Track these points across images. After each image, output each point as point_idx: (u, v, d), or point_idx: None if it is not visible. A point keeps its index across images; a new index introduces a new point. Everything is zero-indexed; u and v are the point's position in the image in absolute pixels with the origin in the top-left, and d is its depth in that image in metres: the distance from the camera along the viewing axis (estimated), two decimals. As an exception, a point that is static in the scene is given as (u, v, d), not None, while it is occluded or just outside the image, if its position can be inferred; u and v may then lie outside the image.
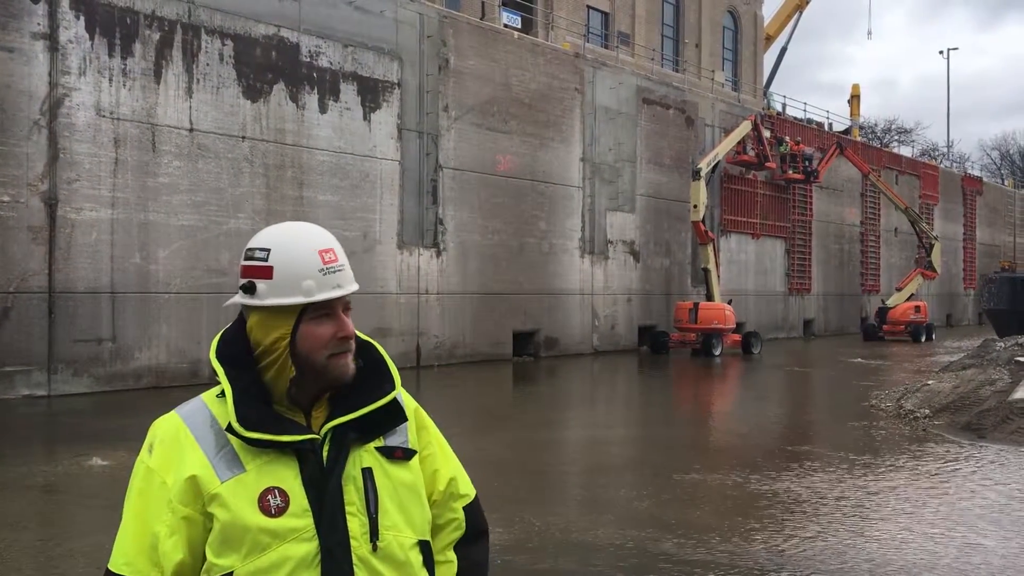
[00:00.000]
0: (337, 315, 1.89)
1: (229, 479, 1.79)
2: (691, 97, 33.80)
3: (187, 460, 1.81)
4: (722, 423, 15.90)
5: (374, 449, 1.90)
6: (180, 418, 1.88)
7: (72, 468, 10.16)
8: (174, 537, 1.79)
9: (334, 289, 1.87)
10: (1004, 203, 61.58)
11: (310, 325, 1.86)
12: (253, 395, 1.84)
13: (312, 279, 1.85)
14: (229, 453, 1.82)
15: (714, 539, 7.61)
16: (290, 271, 1.85)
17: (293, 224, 1.95)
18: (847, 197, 42.99)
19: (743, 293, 34.79)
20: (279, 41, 20.23)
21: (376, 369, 1.97)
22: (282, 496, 1.79)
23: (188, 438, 1.84)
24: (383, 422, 1.92)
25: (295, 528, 1.79)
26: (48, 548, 7.26)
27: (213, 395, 1.90)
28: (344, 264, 1.91)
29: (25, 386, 16.25)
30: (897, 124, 75.38)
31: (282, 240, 1.90)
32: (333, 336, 1.87)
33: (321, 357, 1.86)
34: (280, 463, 1.82)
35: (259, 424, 1.80)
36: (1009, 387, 14.96)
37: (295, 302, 1.85)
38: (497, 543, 7.43)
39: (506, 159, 25.68)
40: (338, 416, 1.87)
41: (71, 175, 16.88)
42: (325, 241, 1.91)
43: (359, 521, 1.83)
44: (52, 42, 16.68)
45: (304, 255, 1.87)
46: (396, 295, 22.63)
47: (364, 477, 1.86)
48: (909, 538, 7.73)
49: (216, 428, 1.84)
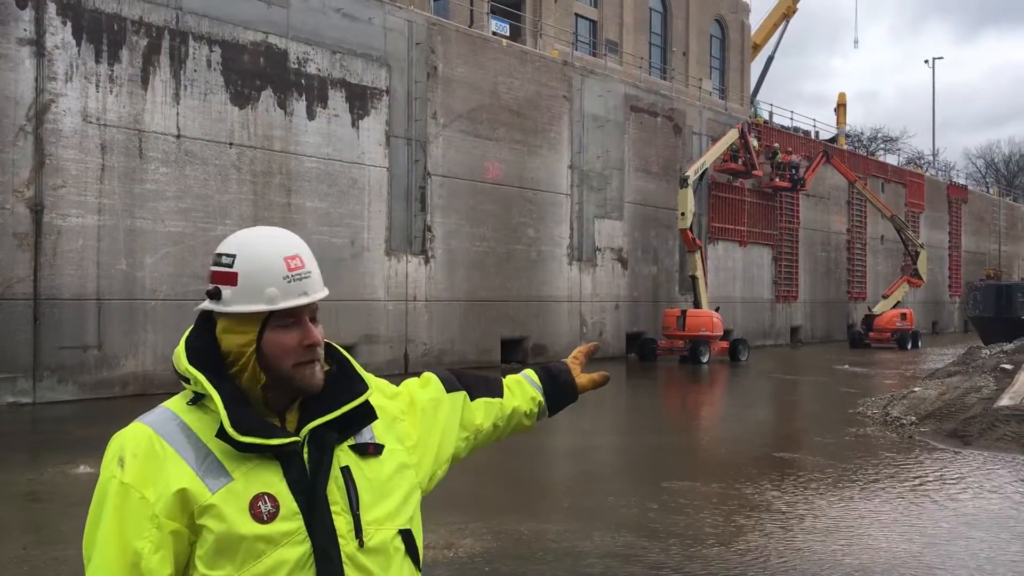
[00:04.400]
0: (303, 323, 1.86)
1: (219, 489, 1.77)
2: (679, 105, 33.92)
3: (171, 472, 1.77)
4: (710, 430, 15.92)
5: (348, 448, 1.90)
6: (151, 428, 1.82)
7: (57, 476, 10.08)
8: (160, 552, 1.75)
9: (299, 297, 1.85)
10: (989, 211, 61.97)
11: (275, 333, 1.84)
12: (238, 400, 1.83)
13: (276, 286, 1.83)
14: (213, 462, 1.79)
15: (701, 547, 7.61)
16: (254, 278, 1.83)
17: (262, 229, 1.92)
18: (834, 205, 43.19)
19: (730, 300, 34.89)
20: (267, 48, 20.21)
21: (343, 369, 1.97)
22: (272, 501, 1.78)
23: (166, 449, 1.79)
24: (357, 421, 1.92)
25: (287, 532, 1.78)
26: (32, 556, 7.21)
27: (182, 403, 1.87)
28: (311, 271, 1.88)
29: (10, 393, 16.14)
30: (883, 133, 75.85)
31: (248, 245, 1.87)
32: (299, 344, 1.85)
33: (286, 365, 1.84)
34: (265, 468, 1.81)
35: (250, 428, 1.79)
36: (994, 394, 15.04)
37: (258, 309, 1.83)
38: (484, 551, 7.42)
39: (494, 166, 25.70)
40: (313, 418, 1.86)
41: (57, 181, 16.81)
42: (292, 247, 1.88)
43: (344, 520, 1.83)
44: (39, 48, 16.62)
45: (269, 262, 1.84)
46: (384, 302, 22.60)
47: (344, 476, 1.86)
48: (895, 545, 7.75)
49: (193, 437, 1.81)
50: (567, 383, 2.36)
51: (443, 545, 7.50)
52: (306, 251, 1.90)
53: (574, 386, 2.37)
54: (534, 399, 2.32)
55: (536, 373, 2.37)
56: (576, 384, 2.37)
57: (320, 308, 1.93)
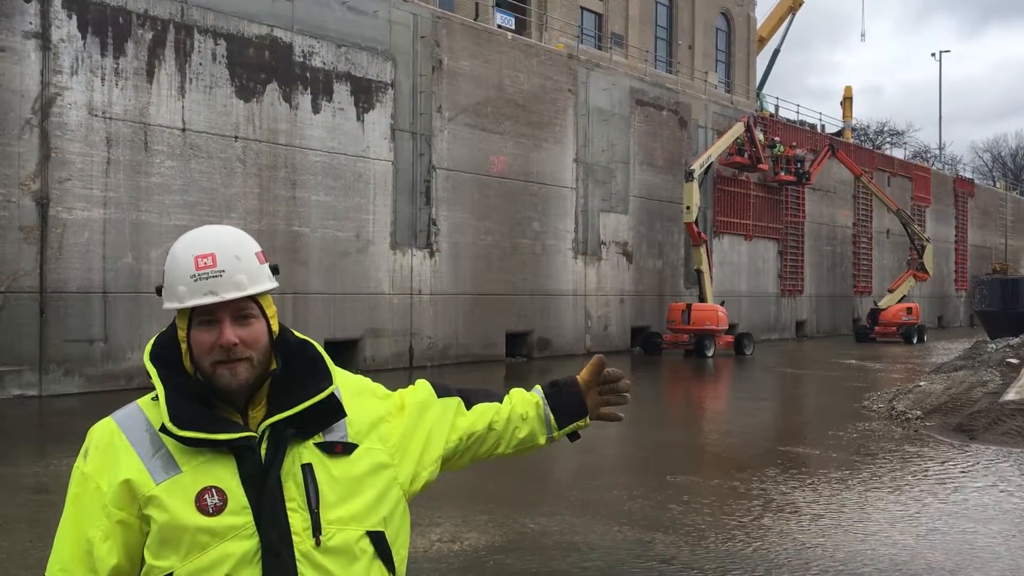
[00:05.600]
0: (220, 323, 1.86)
1: (164, 480, 1.80)
2: (684, 99, 33.85)
3: (121, 464, 1.83)
4: (715, 424, 15.91)
5: (313, 445, 1.89)
6: (115, 423, 1.90)
7: (63, 469, 10.11)
8: (108, 542, 1.81)
9: (205, 296, 1.85)
10: (996, 205, 61.78)
11: (197, 331, 1.88)
12: (187, 395, 1.85)
13: (184, 285, 1.87)
14: (164, 455, 1.82)
15: (707, 541, 7.61)
16: (171, 276, 1.90)
17: (202, 228, 1.97)
18: (839, 199, 43.09)
19: (736, 294, 34.84)
20: (272, 41, 20.19)
21: (313, 367, 1.96)
22: (219, 495, 1.80)
23: (122, 442, 1.85)
24: (323, 419, 1.91)
25: (234, 526, 1.79)
26: (38, 550, 7.22)
27: (148, 399, 1.92)
28: (225, 270, 1.87)
29: (16, 386, 16.18)
30: (889, 126, 75.63)
31: (176, 245, 1.94)
32: (213, 344, 1.86)
33: (206, 363, 1.86)
34: (217, 463, 1.82)
35: (193, 423, 1.81)
36: (1000, 388, 15.01)
37: (170, 307, 1.89)
38: (489, 544, 7.43)
39: (499, 160, 25.67)
40: (275, 414, 1.87)
41: (63, 174, 16.82)
42: (210, 246, 1.89)
43: (301, 517, 1.82)
44: (44, 41, 16.62)
45: (180, 261, 1.89)
46: (389, 295, 22.60)
47: (304, 473, 1.86)
48: (901, 539, 7.75)
49: (151, 431, 1.86)
50: (571, 390, 2.28)
51: (449, 539, 7.51)
52: (228, 250, 1.89)
53: (579, 394, 2.27)
54: (532, 401, 2.28)
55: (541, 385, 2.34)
56: (581, 389, 2.28)
57: (324, 302, 1.94)
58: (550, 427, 2.27)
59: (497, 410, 2.24)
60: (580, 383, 2.29)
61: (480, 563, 6.96)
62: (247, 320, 1.89)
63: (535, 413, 2.26)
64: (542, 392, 2.30)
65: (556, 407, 2.27)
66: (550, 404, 2.27)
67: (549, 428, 2.27)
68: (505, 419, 2.24)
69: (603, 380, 2.29)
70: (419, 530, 7.55)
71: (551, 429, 2.27)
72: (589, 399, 2.29)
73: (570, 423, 2.28)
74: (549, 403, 2.27)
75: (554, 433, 2.28)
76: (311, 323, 19.74)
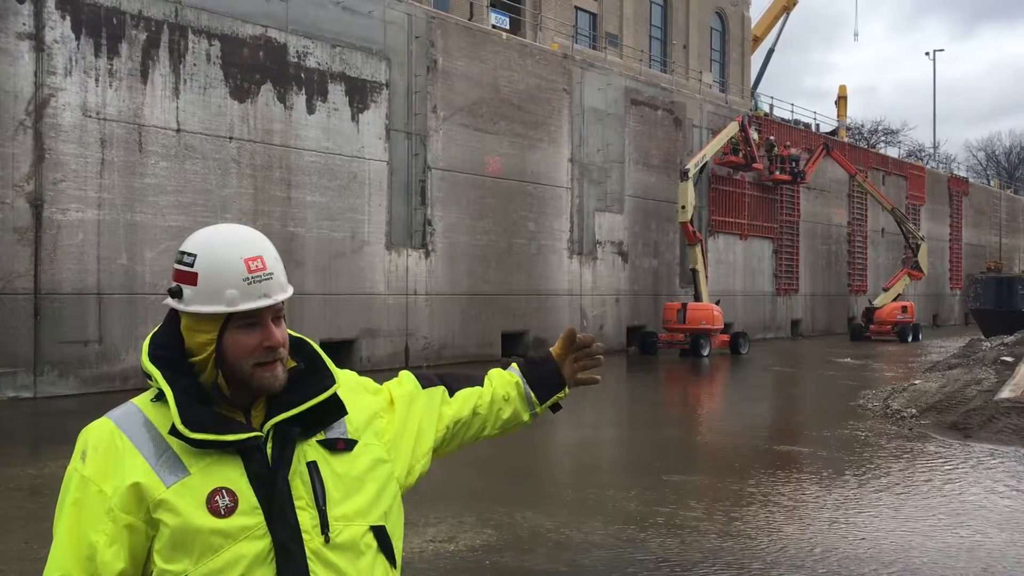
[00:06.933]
0: (265, 324, 1.86)
1: (174, 483, 1.78)
2: (679, 98, 33.87)
3: (127, 466, 1.79)
4: (710, 423, 15.93)
5: (316, 443, 1.90)
6: (113, 423, 1.85)
7: (58, 470, 10.06)
8: (115, 546, 1.77)
9: (260, 299, 1.84)
10: (990, 204, 61.92)
11: (235, 333, 1.84)
12: (193, 396, 1.83)
13: (236, 288, 1.82)
14: (171, 457, 1.80)
15: (703, 540, 7.62)
16: (214, 279, 1.82)
17: (224, 227, 1.92)
18: (834, 198, 43.15)
19: (731, 293, 34.88)
20: (266, 41, 20.17)
21: (312, 365, 1.96)
22: (230, 496, 1.78)
23: (125, 443, 1.81)
24: (324, 416, 1.92)
25: (246, 526, 1.78)
26: (33, 551, 7.21)
27: (147, 399, 1.89)
28: (273, 272, 1.87)
29: (11, 388, 16.15)
30: (884, 125, 75.76)
31: (209, 245, 1.86)
32: (259, 346, 1.84)
33: (246, 366, 1.84)
34: (224, 463, 1.81)
35: (203, 425, 1.79)
36: (995, 386, 15.04)
37: (217, 311, 1.83)
38: (485, 543, 7.43)
39: (495, 160, 25.67)
40: (278, 413, 1.86)
41: (57, 176, 16.79)
42: (254, 248, 1.87)
43: (309, 515, 1.82)
44: (38, 42, 16.59)
45: (228, 263, 1.83)
46: (384, 296, 22.59)
47: (310, 471, 1.86)
48: (896, 536, 7.76)
49: (154, 432, 1.83)
50: (546, 364, 2.33)
51: (445, 538, 7.51)
52: (269, 251, 1.89)
53: (555, 366, 2.33)
54: (512, 381, 2.31)
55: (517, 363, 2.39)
56: (556, 361, 2.33)
57: (320, 303, 1.94)
58: (532, 404, 2.32)
59: (480, 394, 2.26)
60: (554, 356, 2.35)
61: (476, 562, 6.96)
62: (280, 321, 1.89)
63: (516, 393, 2.30)
64: (519, 371, 2.34)
65: (535, 383, 2.32)
66: (528, 381, 2.32)
67: (531, 405, 2.32)
68: (488, 402, 2.27)
69: (576, 347, 2.35)
70: (415, 529, 7.56)
71: (533, 405, 2.32)
72: (565, 369, 2.34)
73: (550, 396, 2.33)
74: (527, 380, 2.32)
75: (536, 409, 2.33)
76: (307, 324, 19.71)
